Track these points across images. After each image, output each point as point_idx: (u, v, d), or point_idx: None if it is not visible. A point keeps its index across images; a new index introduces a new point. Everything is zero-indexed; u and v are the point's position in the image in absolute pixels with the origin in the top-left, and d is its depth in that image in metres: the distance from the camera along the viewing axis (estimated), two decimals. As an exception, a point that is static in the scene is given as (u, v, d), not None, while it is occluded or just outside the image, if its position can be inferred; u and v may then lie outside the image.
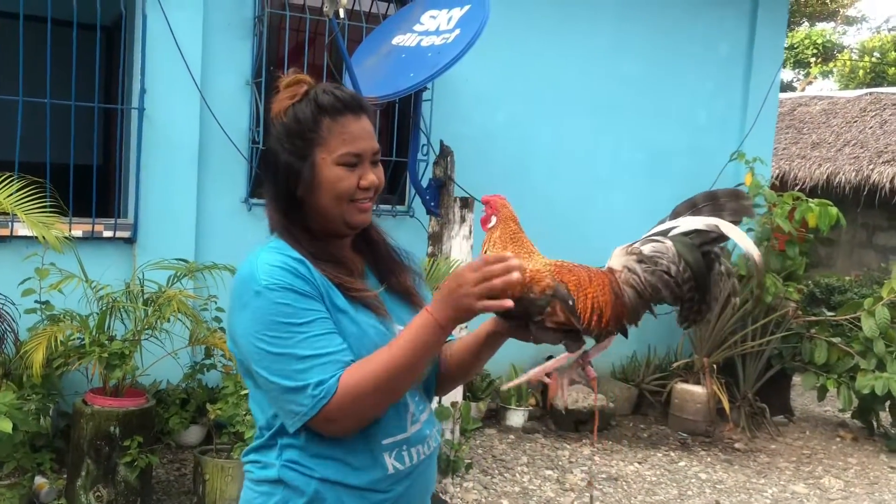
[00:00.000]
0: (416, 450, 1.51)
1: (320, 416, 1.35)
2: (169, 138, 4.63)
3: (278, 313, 1.36)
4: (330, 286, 1.44)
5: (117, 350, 3.48)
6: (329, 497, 1.43)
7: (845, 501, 4.70)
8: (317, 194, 1.46)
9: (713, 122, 6.61)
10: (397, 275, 1.59)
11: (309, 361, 1.35)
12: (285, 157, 1.46)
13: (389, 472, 1.46)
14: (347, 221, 1.48)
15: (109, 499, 3.62)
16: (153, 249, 4.46)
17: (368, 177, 1.47)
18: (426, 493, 1.59)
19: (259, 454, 1.50)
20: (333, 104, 1.45)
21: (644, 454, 5.25)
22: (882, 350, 5.66)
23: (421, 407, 1.55)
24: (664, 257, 1.48)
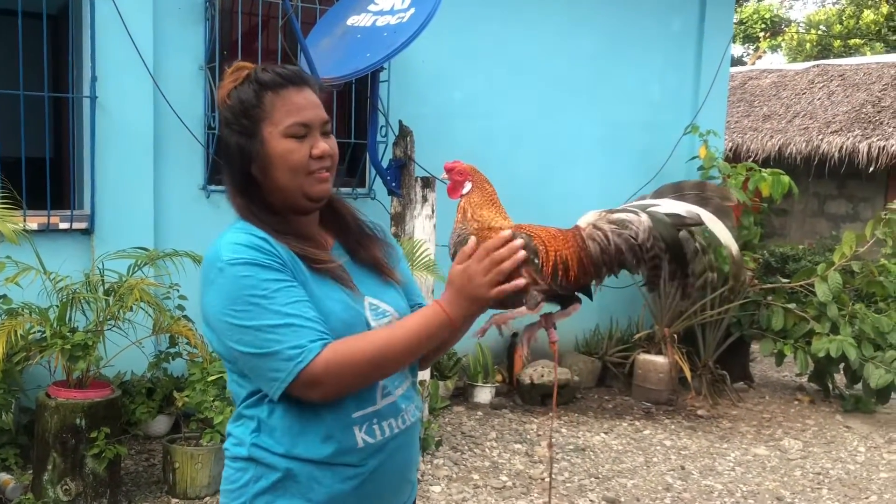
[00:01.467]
0: (387, 423, 1.49)
1: (300, 380, 1.35)
2: (123, 126, 4.55)
3: (242, 287, 1.37)
4: (295, 259, 1.44)
5: (80, 341, 3.43)
6: (300, 473, 1.43)
7: (804, 461, 4.84)
8: (271, 170, 1.45)
9: (667, 97, 6.70)
10: (366, 247, 1.59)
11: (278, 330, 1.35)
12: (235, 139, 1.46)
13: (359, 446, 1.45)
14: (307, 193, 1.46)
15: (78, 492, 3.58)
16: (111, 240, 4.41)
17: (320, 145, 1.45)
18: (406, 468, 1.57)
19: (234, 428, 1.50)
20: (273, 79, 1.45)
21: (610, 424, 5.34)
22: (835, 314, 5.83)
23: (395, 382, 1.52)
24: (634, 224, 1.50)
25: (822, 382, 6.28)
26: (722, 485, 4.40)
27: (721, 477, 4.52)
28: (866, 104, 9.57)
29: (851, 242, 5.89)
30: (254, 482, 1.44)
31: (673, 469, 4.60)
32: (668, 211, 1.52)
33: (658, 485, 4.35)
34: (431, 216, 4.34)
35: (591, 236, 1.52)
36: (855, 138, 9.11)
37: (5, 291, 3.79)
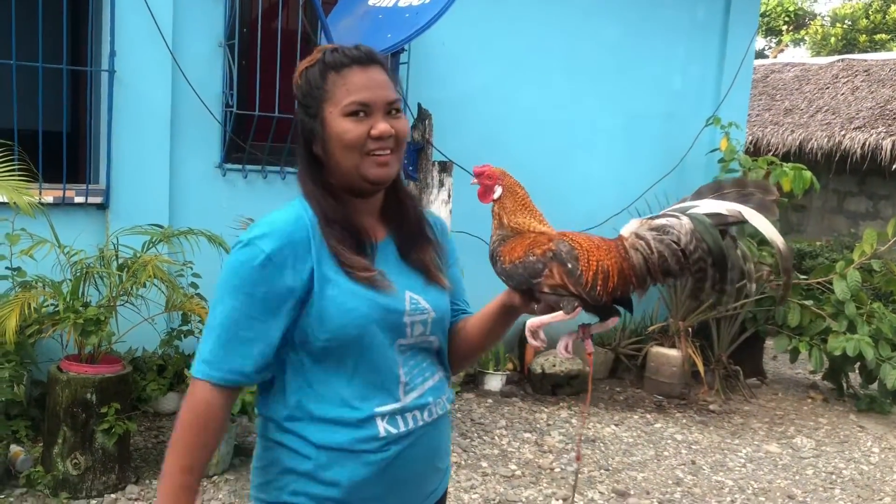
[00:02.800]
0: (412, 416, 1.51)
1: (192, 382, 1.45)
2: (140, 101, 4.52)
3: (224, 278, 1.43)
4: (324, 250, 1.44)
5: (92, 316, 3.42)
6: (323, 458, 1.45)
7: (817, 460, 4.80)
8: (329, 150, 1.46)
9: (689, 88, 6.61)
10: (418, 249, 1.58)
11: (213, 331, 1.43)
12: (302, 119, 1.49)
13: (381, 435, 1.46)
14: (364, 175, 1.45)
15: (87, 466, 3.58)
16: (126, 215, 4.39)
17: (379, 126, 1.43)
18: (434, 456, 1.58)
19: (263, 410, 1.53)
20: (339, 59, 1.45)
21: (621, 416, 5.31)
22: (853, 312, 5.76)
23: (421, 377, 1.54)
24: (675, 229, 1.47)
25: (836, 381, 6.21)
26: (733, 481, 4.36)
27: (732, 473, 4.48)
28: (891, 100, 9.42)
29: (872, 240, 5.81)
30: (279, 462, 1.48)
31: (683, 463, 4.56)
32: (708, 211, 1.49)
33: (668, 479, 4.32)
34: (448, 201, 4.30)
35: (633, 246, 1.49)
36: (878, 135, 8.99)
37: (20, 264, 3.79)
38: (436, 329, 1.56)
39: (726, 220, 1.48)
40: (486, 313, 1.62)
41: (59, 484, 3.54)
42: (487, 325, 1.61)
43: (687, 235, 1.46)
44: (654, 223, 1.51)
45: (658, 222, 1.51)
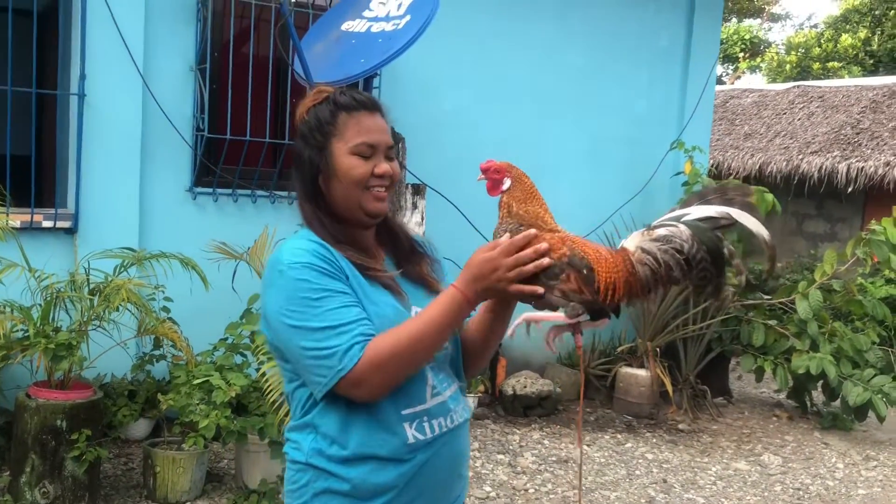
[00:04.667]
0: (437, 422, 1.58)
1: (344, 383, 1.44)
2: (110, 125, 4.50)
3: (298, 289, 1.48)
4: (351, 267, 1.54)
5: (64, 341, 3.37)
6: (354, 474, 1.52)
7: (784, 476, 4.88)
8: (335, 182, 1.57)
9: (653, 113, 6.74)
10: (415, 263, 1.69)
11: (325, 333, 1.45)
12: (308, 152, 1.59)
13: (409, 442, 1.54)
14: (364, 208, 1.58)
15: (56, 494, 3.51)
16: (95, 240, 4.35)
17: (382, 166, 1.58)
18: (456, 463, 1.65)
19: (294, 434, 1.59)
20: (349, 102, 1.59)
21: (592, 437, 5.35)
22: (815, 331, 5.89)
23: (444, 384, 1.62)
24: (677, 237, 1.54)
25: (800, 399, 6.34)
26: (704, 499, 4.41)
27: (703, 491, 4.53)
28: (845, 126, 9.71)
29: (833, 261, 5.96)
30: (312, 483, 1.54)
31: (655, 482, 4.61)
32: (700, 216, 1.57)
33: (641, 498, 4.36)
34: (421, 223, 4.34)
35: (641, 261, 1.56)
36: (834, 159, 9.25)
37: (-13, 289, 3.73)
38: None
39: (718, 222, 1.57)
40: (483, 307, 1.69)
41: (27, 513, 3.47)
42: (487, 319, 1.69)
43: (688, 242, 1.54)
44: (656, 234, 1.58)
45: (659, 233, 1.58)
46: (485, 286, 1.47)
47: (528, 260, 1.47)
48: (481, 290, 1.48)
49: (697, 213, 1.58)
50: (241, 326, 3.91)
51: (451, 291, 1.49)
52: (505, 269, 1.46)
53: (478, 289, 1.48)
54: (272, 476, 3.82)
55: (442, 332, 1.49)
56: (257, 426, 3.60)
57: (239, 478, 3.98)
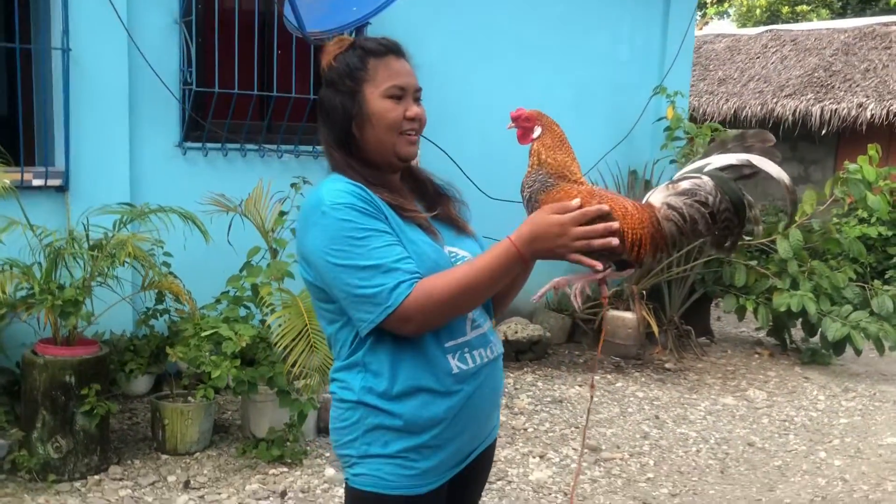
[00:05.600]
0: (478, 352, 1.64)
1: (393, 318, 1.48)
2: (96, 80, 4.44)
3: (342, 229, 1.50)
4: (387, 208, 1.57)
5: (70, 297, 3.38)
6: (404, 409, 1.57)
7: (770, 409, 5.06)
8: (369, 127, 1.60)
9: (635, 59, 6.77)
10: (442, 205, 1.74)
11: (370, 271, 1.48)
12: (339, 99, 1.62)
13: (454, 372, 1.60)
14: (398, 153, 1.62)
15: (69, 448, 3.55)
16: (86, 197, 4.32)
17: (413, 109, 1.62)
18: (496, 394, 1.73)
19: (341, 374, 1.63)
20: (377, 47, 1.63)
21: (583, 378, 5.48)
22: (795, 270, 6.05)
23: (482, 318, 1.68)
24: (702, 190, 1.58)
25: (779, 337, 6.52)
26: (696, 432, 4.58)
27: (694, 425, 4.70)
28: (818, 69, 9.82)
29: (812, 201, 6.09)
30: (364, 419, 1.59)
31: (648, 418, 4.76)
32: (722, 165, 1.61)
33: (636, 433, 4.50)
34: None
35: (667, 217, 1.59)
36: (808, 102, 9.37)
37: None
38: None
39: (740, 170, 1.62)
40: None
41: (42, 467, 3.51)
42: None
43: (713, 194, 1.58)
44: (681, 187, 1.62)
45: (684, 186, 1.62)
46: (545, 247, 1.50)
47: (598, 235, 1.48)
48: (540, 251, 1.50)
49: (718, 162, 1.62)
50: (243, 279, 3.93)
51: (507, 245, 1.51)
52: (572, 238, 1.48)
53: (536, 248, 1.50)
54: (279, 424, 3.89)
55: (493, 282, 1.52)
56: (267, 375, 3.66)
57: (246, 427, 4.05)
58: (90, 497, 3.43)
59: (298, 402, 3.72)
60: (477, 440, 1.72)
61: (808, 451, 4.39)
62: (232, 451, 3.93)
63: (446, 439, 1.62)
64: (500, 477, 3.80)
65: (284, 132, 5.08)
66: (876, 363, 6.24)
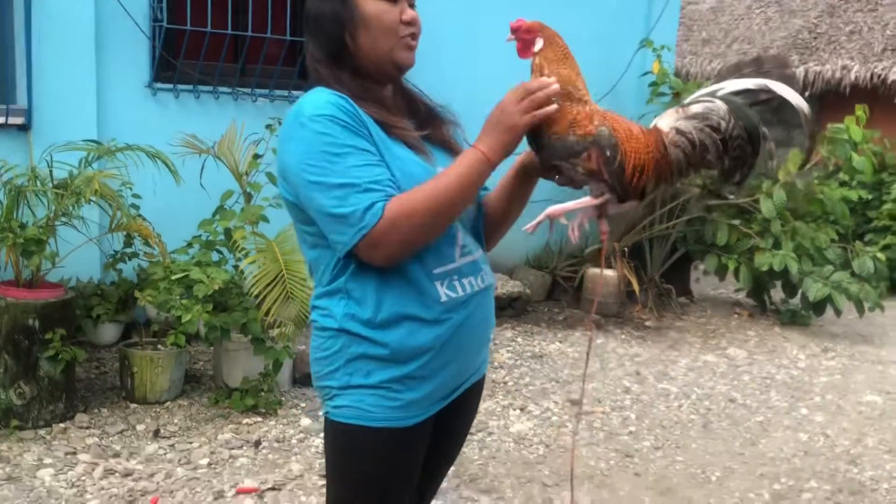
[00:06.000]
0: (468, 280, 1.55)
1: (364, 243, 1.38)
2: (60, 14, 4.21)
3: (319, 142, 1.39)
4: (372, 123, 1.46)
5: (33, 236, 3.21)
6: (389, 337, 1.47)
7: (751, 367, 5.02)
8: (363, 32, 1.49)
9: (622, 9, 6.61)
10: (436, 127, 1.63)
11: (345, 190, 1.39)
12: (328, 5, 1.51)
13: (442, 300, 1.50)
14: (395, 59, 1.52)
15: (32, 395, 3.41)
16: (51, 137, 4.08)
17: (409, 11, 1.52)
18: (486, 327, 1.64)
19: (322, 301, 1.53)
20: None
21: (563, 334, 5.41)
22: (778, 230, 5.99)
23: (473, 245, 1.60)
24: (714, 114, 1.48)
25: (759, 298, 6.49)
26: (677, 388, 4.52)
27: (675, 381, 4.64)
28: (802, 30, 9.73)
29: (797, 160, 6.00)
30: (346, 348, 1.49)
31: (629, 374, 4.70)
32: (736, 89, 1.50)
33: (617, 388, 4.44)
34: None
35: (674, 143, 1.49)
36: (792, 63, 9.28)
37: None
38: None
39: (757, 95, 1.50)
40: (506, 179, 1.68)
41: (4, 414, 3.36)
42: (509, 191, 1.67)
43: (726, 118, 1.48)
44: (691, 111, 1.51)
45: (695, 109, 1.51)
46: (498, 131, 1.43)
47: (536, 88, 1.43)
48: (498, 140, 1.43)
49: (733, 86, 1.51)
50: (216, 222, 3.78)
51: (470, 150, 1.45)
52: (514, 103, 1.43)
53: (494, 138, 1.43)
54: (253, 374, 3.77)
55: (463, 191, 1.43)
56: (240, 322, 3.53)
57: (218, 377, 3.92)
58: (55, 444, 3.30)
59: (273, 351, 3.60)
60: (465, 374, 1.63)
61: (790, 407, 4.35)
62: (204, 401, 3.81)
63: (433, 370, 1.52)
64: (481, 428, 3.72)
65: (259, 75, 4.88)
66: (854, 324, 6.23)
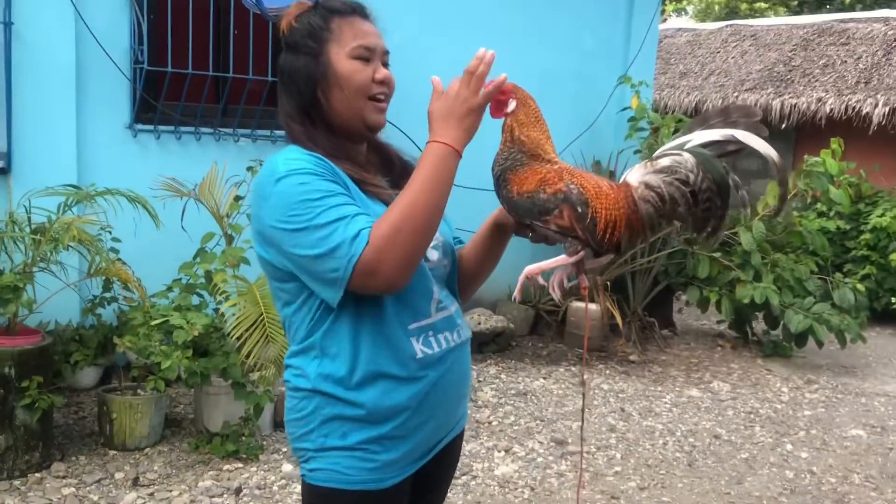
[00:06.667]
0: (443, 336, 1.53)
1: (358, 272, 1.33)
2: (41, 57, 4.21)
3: (298, 193, 1.37)
4: (348, 180, 1.46)
5: (9, 283, 3.17)
6: (364, 397, 1.45)
7: (735, 402, 5.02)
8: (336, 90, 1.49)
9: (599, 47, 6.69)
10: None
11: (331, 227, 1.35)
12: (301, 62, 1.50)
13: (418, 356, 1.48)
14: (366, 120, 1.51)
15: (7, 444, 3.34)
16: (30, 180, 4.08)
17: (382, 70, 1.52)
18: (463, 381, 1.62)
19: (296, 360, 1.51)
20: (342, 6, 1.53)
21: (547, 370, 5.39)
22: (758, 262, 6.03)
23: (448, 300, 1.58)
24: (682, 167, 1.47)
25: (741, 329, 6.51)
26: (662, 425, 4.51)
27: (660, 418, 4.63)
28: (778, 63, 9.87)
29: (775, 193, 6.07)
30: (320, 409, 1.47)
31: (614, 411, 4.68)
32: (704, 141, 1.50)
33: (602, 426, 4.42)
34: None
35: (644, 197, 1.49)
36: (768, 96, 9.41)
37: (-83, 232, 3.47)
38: (447, 252, 1.62)
39: (724, 147, 1.51)
40: (480, 234, 1.68)
41: (-22, 465, 3.29)
42: (483, 247, 1.68)
43: (694, 171, 1.47)
44: (660, 165, 1.51)
45: (663, 163, 1.51)
46: (454, 116, 1.42)
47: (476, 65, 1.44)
48: (458, 126, 1.42)
49: (700, 138, 1.50)
50: (196, 265, 3.75)
51: (433, 146, 1.41)
52: (464, 86, 1.43)
53: (454, 126, 1.42)
54: (234, 418, 3.72)
55: (436, 190, 1.39)
56: (220, 366, 3.49)
57: (199, 421, 3.87)
58: (30, 496, 3.23)
59: (254, 395, 3.56)
60: (443, 430, 1.61)
61: (775, 443, 4.35)
62: (184, 447, 3.75)
63: (410, 429, 1.50)
64: (465, 472, 3.68)
65: (241, 115, 4.89)
66: (836, 355, 6.26)
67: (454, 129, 1.41)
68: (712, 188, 1.48)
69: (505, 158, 1.55)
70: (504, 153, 1.56)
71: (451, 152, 1.40)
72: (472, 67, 1.43)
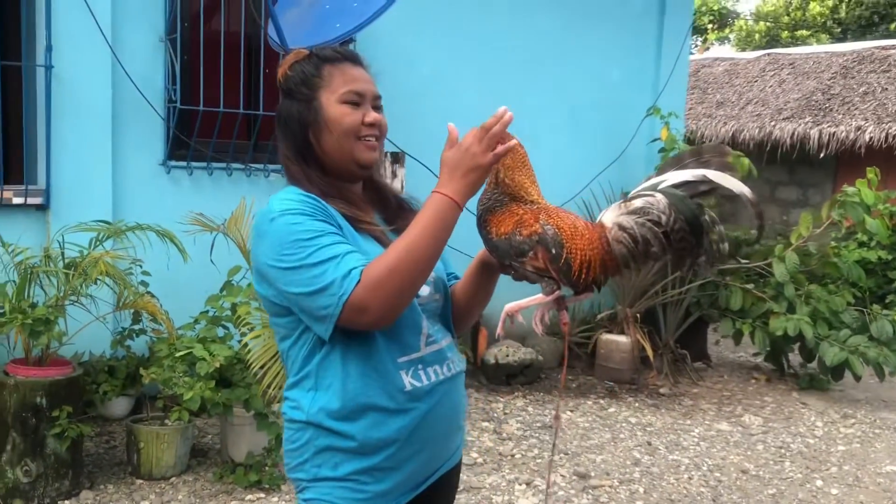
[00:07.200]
0: (433, 369, 1.58)
1: (348, 309, 1.39)
2: (80, 98, 4.39)
3: (290, 232, 1.45)
4: (341, 218, 1.53)
5: (41, 316, 3.30)
6: (356, 430, 1.50)
7: (765, 436, 4.93)
8: (326, 133, 1.57)
9: (629, 79, 6.72)
10: (404, 219, 1.67)
11: (322, 266, 1.41)
12: (295, 107, 1.59)
13: (407, 389, 1.53)
14: (356, 158, 1.58)
15: (39, 472, 3.45)
16: (68, 216, 4.24)
17: (371, 114, 1.58)
18: (456, 414, 1.66)
19: (292, 392, 1.58)
20: (332, 54, 1.61)
21: (575, 403, 5.37)
22: (792, 293, 5.94)
23: (439, 334, 1.63)
24: (654, 208, 1.51)
25: (777, 361, 6.40)
26: (689, 459, 4.45)
27: (687, 451, 4.57)
28: (816, 92, 9.77)
29: (808, 223, 6.01)
30: (313, 441, 1.53)
31: (640, 445, 4.64)
32: (676, 181, 1.54)
33: (626, 460, 4.38)
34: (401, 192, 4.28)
35: (617, 238, 1.54)
36: (806, 125, 9.31)
37: (-43, 266, 3.63)
38: (439, 288, 1.67)
39: (696, 187, 1.54)
40: (469, 272, 1.74)
41: (10, 492, 3.40)
42: (474, 283, 1.73)
43: (665, 212, 1.51)
44: (632, 206, 1.55)
45: (636, 205, 1.55)
46: (463, 170, 1.46)
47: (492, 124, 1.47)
48: (462, 181, 1.46)
49: (673, 178, 1.54)
50: (223, 298, 3.85)
51: (435, 196, 1.47)
52: (475, 143, 1.46)
53: (458, 180, 1.46)
54: (258, 448, 3.79)
55: (433, 238, 1.44)
56: (242, 398, 3.56)
57: (224, 452, 3.94)
58: (58, 523, 3.33)
59: (276, 426, 3.62)
60: (436, 462, 1.64)
61: (804, 478, 4.26)
62: (209, 476, 3.82)
63: (400, 461, 1.54)
64: (484, 504, 3.69)
65: (272, 151, 5.02)
66: (876, 389, 6.12)
67: (458, 182, 1.46)
68: (685, 228, 1.51)
69: (487, 199, 1.60)
70: (487, 194, 1.61)
71: (452, 205, 1.45)
72: (488, 124, 1.47)
